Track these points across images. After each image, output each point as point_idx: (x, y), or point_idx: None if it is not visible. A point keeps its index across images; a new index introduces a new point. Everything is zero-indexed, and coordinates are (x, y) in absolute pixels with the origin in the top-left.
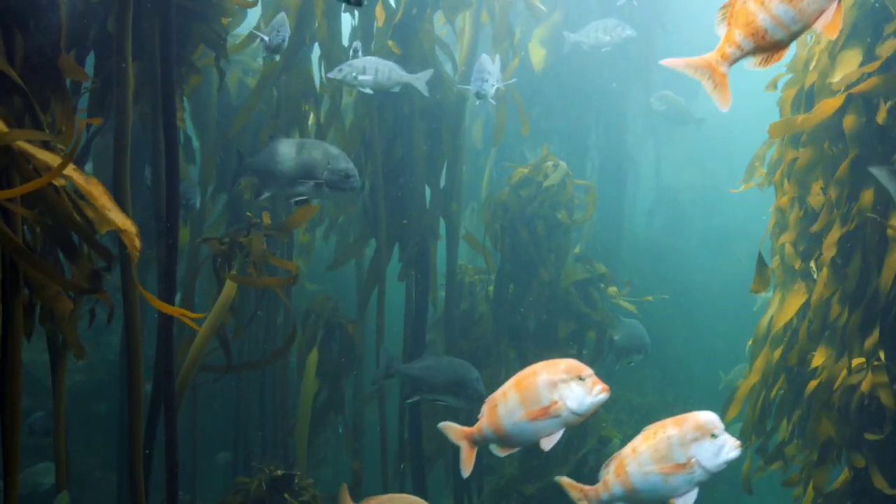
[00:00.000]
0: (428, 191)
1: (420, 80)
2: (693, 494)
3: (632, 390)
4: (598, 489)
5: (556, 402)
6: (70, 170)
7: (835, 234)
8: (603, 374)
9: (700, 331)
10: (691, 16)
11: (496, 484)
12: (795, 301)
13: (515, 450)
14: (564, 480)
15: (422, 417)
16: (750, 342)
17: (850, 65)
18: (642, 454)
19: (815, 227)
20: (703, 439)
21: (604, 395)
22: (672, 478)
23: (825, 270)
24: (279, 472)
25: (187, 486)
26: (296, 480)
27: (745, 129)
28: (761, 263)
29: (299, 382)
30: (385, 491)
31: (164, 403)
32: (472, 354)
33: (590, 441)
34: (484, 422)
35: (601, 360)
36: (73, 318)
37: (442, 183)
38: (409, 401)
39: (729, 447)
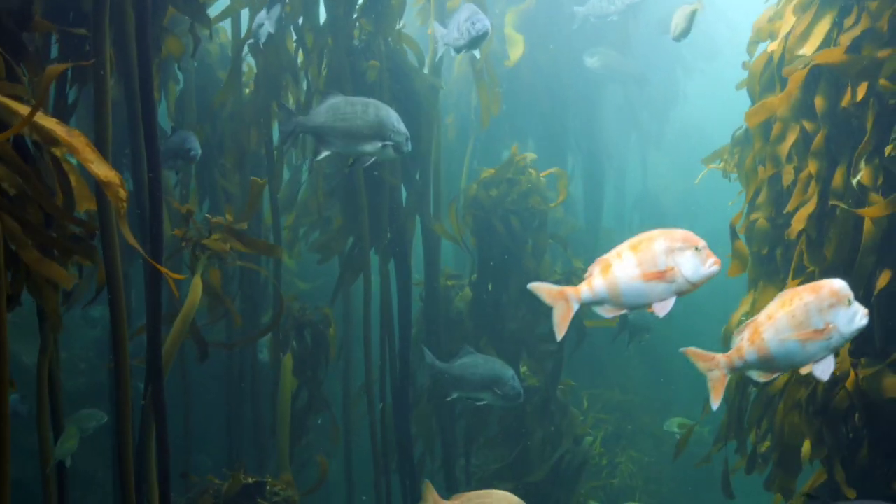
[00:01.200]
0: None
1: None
2: (831, 361)
3: (614, 388)
4: (730, 356)
5: (672, 268)
6: (52, 123)
7: (809, 208)
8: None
9: (685, 331)
10: (668, 9)
11: (477, 482)
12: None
13: (623, 312)
14: (690, 350)
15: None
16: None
17: (818, 38)
18: (779, 320)
19: (789, 207)
20: (839, 305)
21: (716, 268)
22: (810, 344)
23: (798, 252)
24: (250, 479)
25: (180, 488)
26: (268, 487)
27: (725, 134)
28: (734, 236)
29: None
30: (376, 489)
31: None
32: (452, 354)
33: (565, 442)
34: (596, 280)
35: (572, 353)
36: (56, 287)
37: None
38: (449, 399)
39: (861, 315)
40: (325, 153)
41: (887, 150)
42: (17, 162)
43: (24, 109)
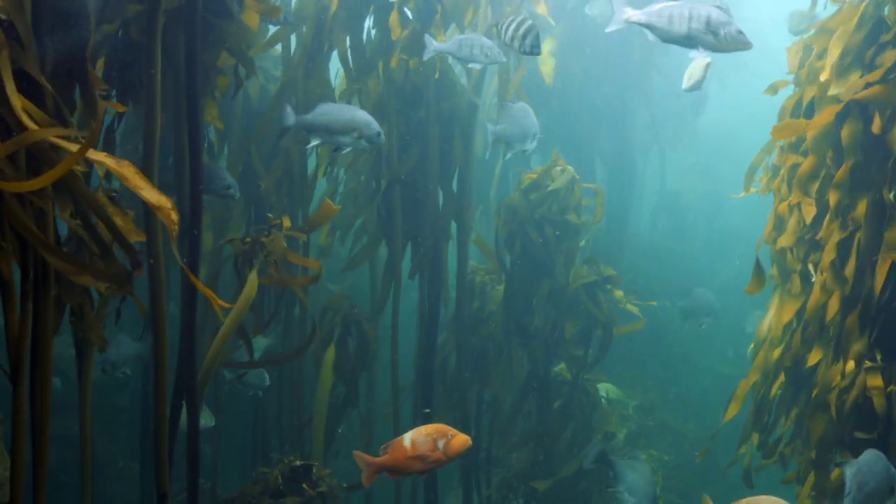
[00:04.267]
0: (440, 194)
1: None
2: None
3: (636, 387)
4: None
5: None
6: (101, 156)
7: (834, 238)
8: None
9: (702, 330)
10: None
11: (504, 476)
12: (792, 305)
13: None
14: None
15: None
16: (752, 346)
17: (850, 80)
18: None
19: (819, 234)
20: None
21: None
22: None
23: (823, 275)
24: (298, 463)
25: (208, 475)
26: (314, 471)
27: (748, 133)
28: (759, 268)
29: (314, 376)
30: (396, 484)
31: (187, 396)
32: (482, 352)
33: (597, 436)
34: None
35: (604, 357)
36: (100, 316)
37: (454, 186)
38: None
39: None
40: (510, 154)
41: None
42: (87, 193)
43: (74, 147)
